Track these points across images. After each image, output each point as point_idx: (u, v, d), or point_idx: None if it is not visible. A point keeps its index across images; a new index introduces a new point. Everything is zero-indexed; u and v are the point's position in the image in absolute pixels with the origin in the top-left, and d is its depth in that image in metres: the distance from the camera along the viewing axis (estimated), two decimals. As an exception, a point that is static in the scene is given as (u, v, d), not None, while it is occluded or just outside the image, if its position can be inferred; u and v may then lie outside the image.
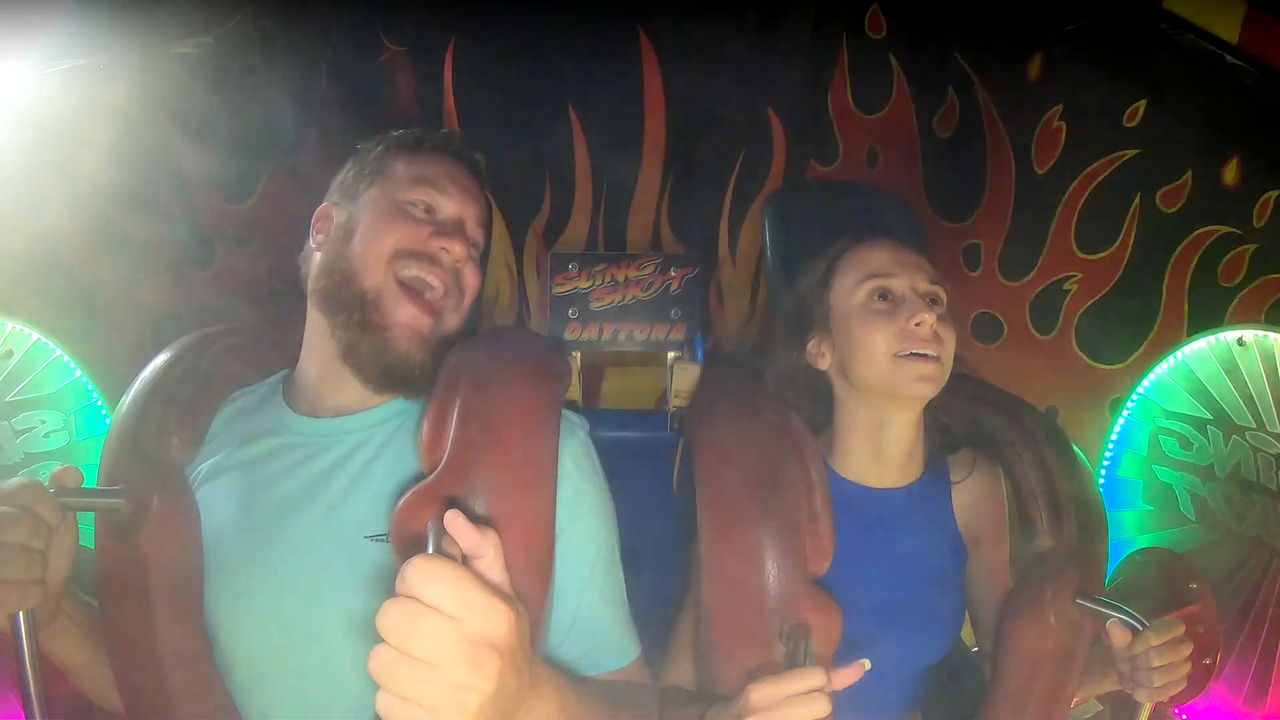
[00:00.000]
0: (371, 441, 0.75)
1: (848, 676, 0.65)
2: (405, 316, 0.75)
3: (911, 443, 0.87)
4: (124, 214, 1.12)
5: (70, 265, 1.07)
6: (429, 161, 0.82)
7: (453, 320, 0.80)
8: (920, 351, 0.81)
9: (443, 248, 0.77)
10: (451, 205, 0.81)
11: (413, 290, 0.76)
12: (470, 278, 0.80)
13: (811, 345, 0.89)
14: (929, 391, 0.81)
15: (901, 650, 0.85)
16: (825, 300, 0.88)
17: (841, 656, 0.77)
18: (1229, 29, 0.82)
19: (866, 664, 0.66)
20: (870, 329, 0.83)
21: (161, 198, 1.19)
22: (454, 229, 0.79)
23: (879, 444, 0.87)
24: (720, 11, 1.60)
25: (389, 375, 0.75)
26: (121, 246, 1.14)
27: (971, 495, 0.90)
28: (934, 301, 0.84)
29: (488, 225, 0.86)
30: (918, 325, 0.80)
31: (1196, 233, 1.03)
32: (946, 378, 0.83)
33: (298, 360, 0.82)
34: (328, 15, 1.46)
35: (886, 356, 0.82)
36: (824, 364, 0.89)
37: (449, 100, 1.66)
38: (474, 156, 0.87)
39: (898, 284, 0.84)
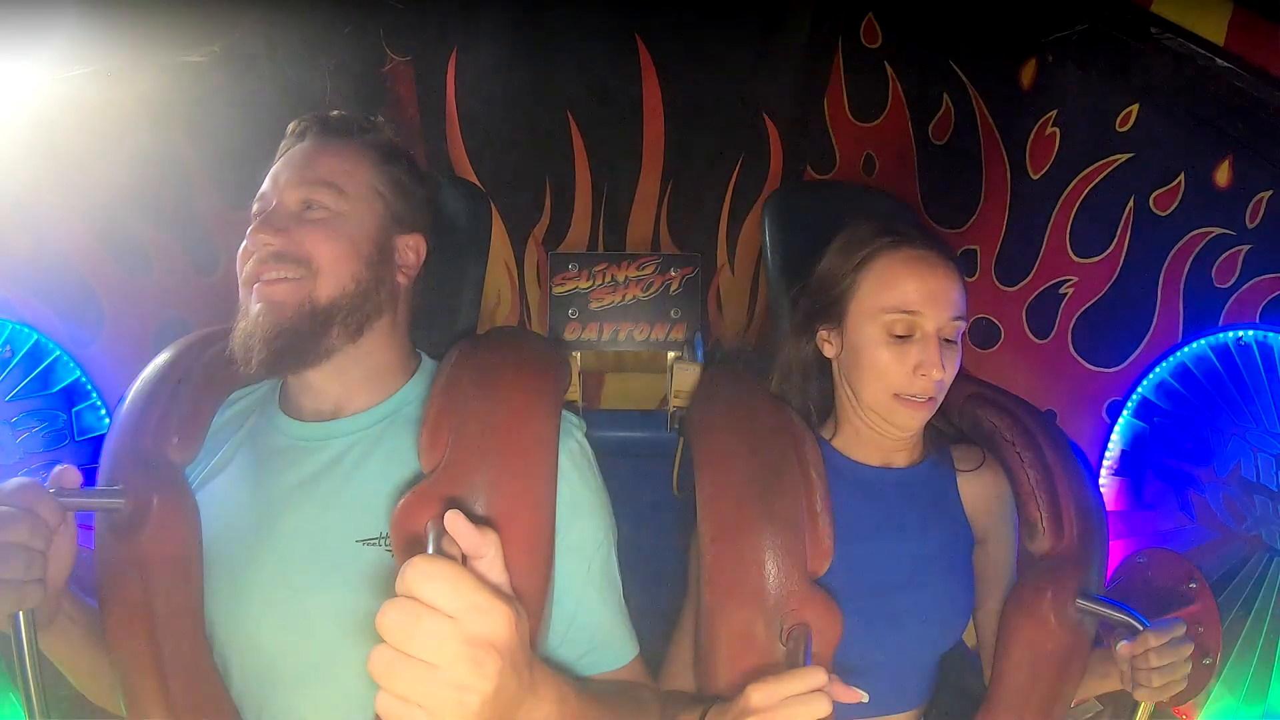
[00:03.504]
0: (360, 444, 0.75)
1: (843, 694, 0.65)
2: (253, 309, 0.73)
3: (911, 437, 0.88)
4: (129, 218, 1.13)
5: (75, 268, 1.08)
6: (273, 167, 0.80)
7: (319, 289, 0.74)
8: (919, 398, 0.82)
9: (251, 246, 0.74)
10: (270, 191, 0.77)
11: (255, 285, 0.74)
12: (307, 243, 0.73)
13: (822, 332, 0.89)
14: (919, 425, 0.84)
15: (911, 634, 0.84)
16: (846, 297, 0.86)
17: (854, 640, 0.77)
18: (1215, 30, 0.83)
19: (864, 696, 0.66)
20: (879, 361, 0.82)
21: (167, 203, 1.20)
22: (260, 223, 0.75)
23: (878, 439, 0.88)
24: (717, 20, 1.62)
25: (249, 357, 0.73)
26: (126, 250, 1.15)
27: (981, 488, 0.90)
28: (951, 340, 0.83)
29: (350, 171, 0.78)
30: (923, 376, 0.81)
31: (1190, 235, 1.03)
32: (941, 400, 0.84)
33: None
34: (333, 26, 1.48)
35: (887, 393, 0.83)
36: (830, 351, 0.89)
37: (451, 109, 1.68)
38: (327, 119, 0.82)
39: (921, 322, 0.82)
